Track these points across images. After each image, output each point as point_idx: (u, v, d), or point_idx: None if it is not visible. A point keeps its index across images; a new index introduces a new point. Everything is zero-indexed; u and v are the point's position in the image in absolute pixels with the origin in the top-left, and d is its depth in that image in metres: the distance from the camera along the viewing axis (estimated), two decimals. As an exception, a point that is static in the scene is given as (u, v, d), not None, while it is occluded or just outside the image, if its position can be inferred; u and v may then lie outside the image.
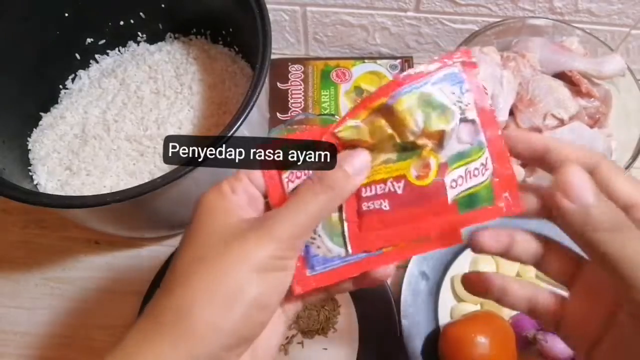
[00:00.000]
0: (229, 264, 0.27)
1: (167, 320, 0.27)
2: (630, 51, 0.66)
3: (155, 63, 0.62)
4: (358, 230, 0.29)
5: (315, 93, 0.68)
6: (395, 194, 0.28)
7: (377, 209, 0.28)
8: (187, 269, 0.28)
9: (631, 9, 0.60)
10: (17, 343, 0.56)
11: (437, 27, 0.66)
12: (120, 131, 0.58)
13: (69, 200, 0.46)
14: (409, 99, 0.27)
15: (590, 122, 0.58)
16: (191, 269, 0.28)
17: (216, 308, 0.26)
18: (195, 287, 0.27)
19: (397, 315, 0.53)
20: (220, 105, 0.58)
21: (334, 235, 0.29)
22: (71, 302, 0.58)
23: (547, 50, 0.60)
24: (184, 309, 0.26)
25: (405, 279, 0.55)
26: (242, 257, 0.27)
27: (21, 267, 0.60)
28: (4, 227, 0.62)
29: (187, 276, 0.27)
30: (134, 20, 0.63)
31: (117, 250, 0.60)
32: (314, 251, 0.29)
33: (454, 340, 0.50)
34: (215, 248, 0.28)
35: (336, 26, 0.67)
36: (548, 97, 0.57)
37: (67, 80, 0.63)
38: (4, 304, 0.58)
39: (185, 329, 0.26)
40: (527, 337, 0.50)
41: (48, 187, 0.56)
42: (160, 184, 0.42)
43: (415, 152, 0.28)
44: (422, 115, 0.27)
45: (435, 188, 0.28)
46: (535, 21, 0.62)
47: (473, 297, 0.54)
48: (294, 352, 0.54)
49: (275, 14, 0.66)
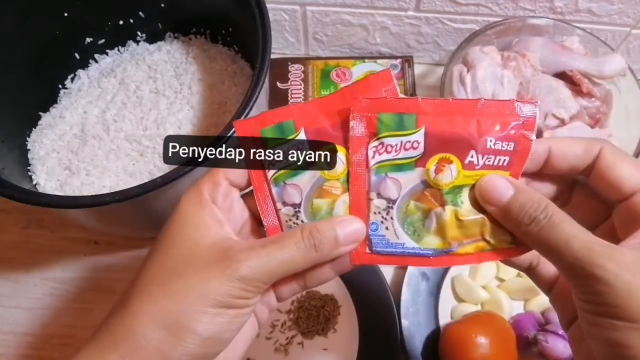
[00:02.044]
0: (186, 294, 0.26)
1: (119, 337, 0.26)
2: (631, 51, 0.66)
3: (155, 63, 0.62)
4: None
5: (315, 93, 0.68)
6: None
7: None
8: (146, 286, 0.27)
9: (632, 8, 0.60)
10: (17, 343, 0.56)
11: (438, 26, 0.66)
12: (120, 131, 0.57)
13: (68, 201, 0.45)
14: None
15: (591, 122, 0.58)
16: (150, 287, 0.27)
17: (166, 336, 0.26)
18: (147, 310, 0.26)
19: (397, 316, 0.53)
20: (220, 104, 0.58)
21: (409, 225, 0.29)
22: (71, 303, 0.58)
23: (548, 50, 0.60)
24: (135, 330, 0.26)
25: (405, 279, 0.55)
26: (200, 291, 0.26)
27: (20, 267, 0.60)
28: (4, 227, 0.62)
29: (144, 295, 0.27)
30: (133, 19, 0.63)
31: (117, 251, 0.60)
32: (381, 231, 0.29)
33: (454, 340, 0.50)
34: (178, 271, 0.27)
35: (336, 26, 0.67)
36: (549, 96, 0.57)
37: (66, 80, 0.63)
38: (3, 304, 0.58)
39: (133, 351, 0.26)
40: (528, 338, 0.50)
41: (47, 187, 0.56)
42: (160, 184, 0.42)
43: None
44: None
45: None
46: (535, 21, 0.61)
47: (473, 297, 0.55)
48: (294, 352, 0.53)
49: (275, 14, 0.66)
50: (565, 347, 0.49)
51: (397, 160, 0.29)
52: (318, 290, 0.56)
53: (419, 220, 0.29)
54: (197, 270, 0.27)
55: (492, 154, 0.28)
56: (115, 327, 0.27)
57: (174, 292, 0.26)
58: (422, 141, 0.28)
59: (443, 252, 0.29)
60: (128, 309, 0.27)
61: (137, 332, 0.26)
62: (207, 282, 0.26)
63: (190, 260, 0.27)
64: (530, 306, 0.55)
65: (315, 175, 0.30)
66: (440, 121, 0.28)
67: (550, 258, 0.26)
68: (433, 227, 0.29)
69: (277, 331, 0.54)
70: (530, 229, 0.26)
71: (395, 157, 0.29)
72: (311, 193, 0.30)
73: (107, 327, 0.27)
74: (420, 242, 0.29)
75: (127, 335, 0.26)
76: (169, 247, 0.28)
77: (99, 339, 0.27)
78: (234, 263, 0.26)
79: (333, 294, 0.55)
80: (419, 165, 0.29)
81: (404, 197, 0.29)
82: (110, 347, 0.26)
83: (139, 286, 0.28)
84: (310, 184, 0.30)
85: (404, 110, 0.28)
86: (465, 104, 0.28)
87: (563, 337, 0.49)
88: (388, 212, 0.29)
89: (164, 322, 0.26)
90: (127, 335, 0.26)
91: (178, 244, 0.28)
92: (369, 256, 0.29)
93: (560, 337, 0.49)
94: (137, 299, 0.27)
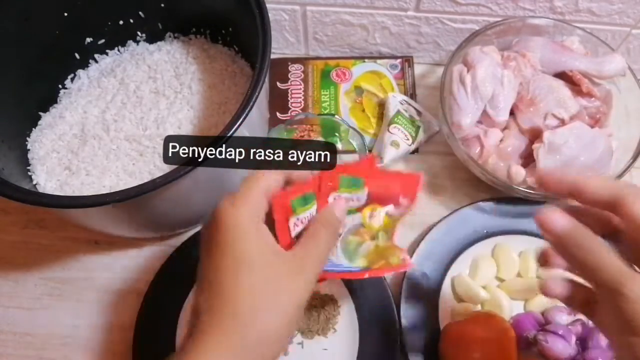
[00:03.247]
0: (284, 294, 0.32)
1: (228, 326, 0.31)
2: (631, 51, 0.66)
3: (155, 63, 0.62)
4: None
5: (315, 93, 0.68)
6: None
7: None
8: (240, 280, 0.31)
9: (632, 8, 0.60)
10: (17, 343, 0.56)
11: (438, 26, 0.66)
12: (120, 131, 0.57)
13: (68, 200, 0.45)
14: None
15: (591, 122, 0.58)
16: (246, 283, 0.31)
17: (278, 325, 0.31)
18: (258, 300, 0.31)
19: (397, 316, 0.53)
20: (220, 105, 0.58)
21: (347, 252, 0.40)
22: (70, 302, 0.58)
23: (548, 50, 0.60)
24: (249, 317, 0.31)
25: (405, 279, 0.55)
26: (293, 294, 0.32)
27: (20, 267, 0.60)
28: (3, 227, 0.62)
29: (248, 288, 0.31)
30: (133, 19, 0.63)
31: (117, 250, 0.60)
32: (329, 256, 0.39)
33: (454, 340, 0.50)
34: (263, 272, 0.32)
35: (336, 26, 0.67)
36: (549, 96, 0.57)
37: (66, 79, 0.63)
38: (3, 304, 0.58)
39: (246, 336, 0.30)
40: (528, 338, 0.50)
41: (47, 187, 0.56)
42: (160, 184, 0.42)
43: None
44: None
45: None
46: (535, 21, 0.61)
47: (473, 297, 0.55)
48: (294, 352, 0.53)
49: (275, 14, 0.66)
50: (565, 347, 0.49)
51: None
52: (318, 290, 0.56)
53: (354, 248, 0.40)
54: (283, 278, 0.32)
55: (402, 207, 0.42)
56: (221, 319, 0.31)
57: (272, 291, 0.32)
58: (365, 196, 0.41)
59: (365, 268, 0.40)
60: (231, 300, 0.31)
61: (250, 320, 0.31)
62: (296, 288, 0.33)
63: (268, 263, 0.32)
64: (530, 306, 0.55)
65: (355, 220, 0.41)
66: (378, 184, 0.41)
67: (587, 276, 0.33)
68: (362, 253, 0.40)
69: (277, 331, 0.54)
70: (576, 253, 0.33)
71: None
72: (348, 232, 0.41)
73: (208, 323, 0.31)
74: (352, 263, 0.40)
75: (238, 325, 0.30)
76: (239, 247, 0.32)
77: (205, 338, 0.31)
78: (303, 270, 0.33)
79: (333, 294, 0.55)
80: (359, 210, 0.41)
81: (347, 233, 0.40)
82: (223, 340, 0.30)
83: (227, 279, 0.32)
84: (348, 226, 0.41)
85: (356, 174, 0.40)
86: (394, 176, 0.44)
87: (563, 337, 0.49)
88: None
89: (276, 314, 0.32)
90: (238, 325, 0.30)
91: (248, 245, 0.32)
92: (323, 273, 0.37)
93: (560, 337, 0.49)
94: (234, 291, 0.31)
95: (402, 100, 0.65)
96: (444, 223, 0.58)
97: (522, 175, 0.55)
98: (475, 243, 0.58)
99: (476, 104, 0.57)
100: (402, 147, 0.60)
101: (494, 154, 0.57)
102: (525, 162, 0.57)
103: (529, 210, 0.59)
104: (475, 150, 0.57)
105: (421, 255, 0.56)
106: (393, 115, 0.62)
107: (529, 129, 0.57)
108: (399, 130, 0.61)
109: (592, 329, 0.51)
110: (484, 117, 0.58)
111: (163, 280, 0.56)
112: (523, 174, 0.55)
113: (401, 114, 0.62)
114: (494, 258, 0.57)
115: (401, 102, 0.64)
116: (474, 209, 0.59)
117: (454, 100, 0.57)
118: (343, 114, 0.66)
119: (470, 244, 0.58)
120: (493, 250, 0.58)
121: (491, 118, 0.58)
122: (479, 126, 0.58)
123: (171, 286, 0.56)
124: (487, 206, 0.59)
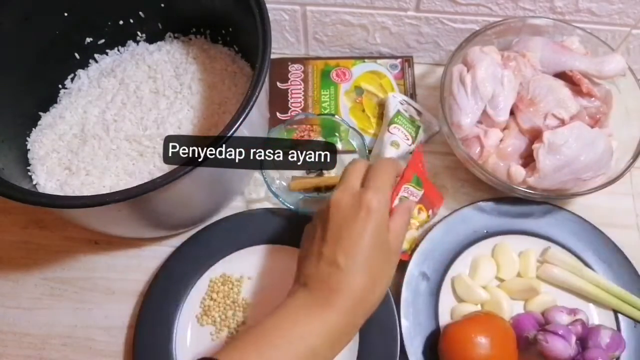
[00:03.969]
0: (388, 278, 0.43)
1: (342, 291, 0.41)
2: (631, 51, 0.66)
3: (155, 63, 0.62)
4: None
5: (315, 93, 0.68)
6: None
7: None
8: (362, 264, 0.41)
9: (632, 8, 0.60)
10: (17, 343, 0.56)
11: (438, 26, 0.66)
12: (120, 131, 0.57)
13: (68, 200, 0.45)
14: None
15: (591, 122, 0.58)
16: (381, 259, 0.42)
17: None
18: (376, 284, 0.42)
19: (397, 316, 0.53)
20: (220, 105, 0.58)
21: None
22: (70, 302, 0.58)
23: (548, 50, 0.60)
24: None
25: (405, 279, 0.55)
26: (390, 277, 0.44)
27: (20, 267, 0.60)
28: (3, 227, 0.62)
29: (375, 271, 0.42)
30: (133, 19, 0.63)
31: (117, 250, 0.60)
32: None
33: (454, 340, 0.50)
34: (383, 256, 0.43)
35: (336, 26, 0.67)
36: (549, 96, 0.57)
37: (66, 79, 0.63)
38: (3, 304, 0.58)
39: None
40: (528, 338, 0.50)
41: (47, 187, 0.56)
42: (160, 184, 0.42)
43: None
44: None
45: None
46: (535, 21, 0.61)
47: (473, 297, 0.55)
48: (294, 352, 0.53)
49: (275, 14, 0.66)
50: (565, 347, 0.49)
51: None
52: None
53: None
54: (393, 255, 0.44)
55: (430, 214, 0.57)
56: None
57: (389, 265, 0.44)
58: (420, 196, 0.54)
59: (404, 251, 0.55)
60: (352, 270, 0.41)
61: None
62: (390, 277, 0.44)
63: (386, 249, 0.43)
64: (530, 306, 0.55)
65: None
66: (426, 189, 0.55)
67: None
68: (407, 238, 0.55)
69: (277, 331, 0.54)
70: None
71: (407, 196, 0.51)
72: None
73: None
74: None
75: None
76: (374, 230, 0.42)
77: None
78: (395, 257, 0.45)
79: (333, 294, 0.55)
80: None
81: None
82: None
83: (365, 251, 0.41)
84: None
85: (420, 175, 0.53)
86: (432, 187, 0.58)
87: (563, 337, 0.49)
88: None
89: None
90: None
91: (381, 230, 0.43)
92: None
93: (560, 337, 0.49)
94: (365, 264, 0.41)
95: (402, 100, 0.65)
96: (444, 223, 0.58)
97: (522, 175, 0.55)
98: (475, 243, 0.58)
99: (476, 104, 0.57)
100: (402, 147, 0.60)
101: (494, 154, 0.57)
102: (525, 162, 0.57)
103: (529, 210, 0.59)
104: (475, 150, 0.57)
105: (421, 255, 0.56)
106: (393, 115, 0.62)
107: (529, 129, 0.57)
108: (399, 130, 0.61)
109: (592, 329, 0.51)
110: (484, 117, 0.58)
111: (162, 280, 0.56)
112: (523, 174, 0.55)
113: (401, 114, 0.62)
114: (494, 258, 0.57)
115: (401, 102, 0.64)
116: (474, 209, 0.59)
117: (454, 100, 0.57)
118: (343, 114, 0.66)
119: (470, 244, 0.58)
120: (493, 250, 0.58)
121: (491, 118, 0.58)
122: (479, 126, 0.58)
123: (170, 286, 0.56)
124: (487, 206, 0.59)
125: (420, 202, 0.54)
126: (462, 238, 0.58)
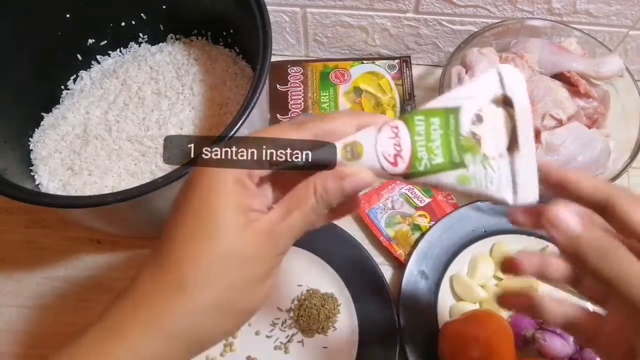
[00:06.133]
0: (244, 281, 0.30)
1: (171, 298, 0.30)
2: (629, 52, 0.66)
3: (157, 64, 0.63)
4: None
5: (315, 94, 0.68)
6: None
7: None
8: (202, 276, 0.30)
9: (629, 9, 0.60)
10: (18, 342, 0.56)
11: (436, 28, 0.66)
12: (122, 131, 0.58)
13: (70, 200, 0.46)
14: None
15: (589, 123, 0.59)
16: (206, 278, 0.30)
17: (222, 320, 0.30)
18: (203, 301, 0.29)
19: (397, 315, 0.53)
20: (221, 105, 0.59)
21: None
22: (73, 302, 0.58)
23: (546, 51, 0.60)
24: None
25: (404, 278, 0.55)
26: (252, 273, 0.30)
27: (23, 267, 0.60)
28: (6, 226, 0.62)
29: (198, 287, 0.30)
30: (135, 21, 0.64)
31: (119, 250, 0.61)
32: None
33: (453, 339, 0.50)
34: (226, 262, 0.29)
35: (336, 27, 0.68)
36: (546, 97, 0.57)
37: (68, 80, 0.63)
38: (6, 303, 0.58)
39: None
40: (526, 336, 0.51)
41: (50, 187, 0.56)
42: (162, 184, 0.42)
43: None
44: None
45: None
46: (533, 22, 0.62)
47: (472, 296, 0.55)
48: (294, 350, 0.54)
49: (276, 15, 0.67)
50: (563, 346, 0.49)
51: None
52: (318, 289, 0.56)
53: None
54: (245, 258, 0.29)
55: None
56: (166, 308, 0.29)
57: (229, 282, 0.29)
58: None
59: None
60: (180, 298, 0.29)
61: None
62: (255, 263, 0.29)
63: (237, 250, 0.29)
64: (529, 305, 0.55)
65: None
66: None
67: (610, 289, 0.29)
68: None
69: (278, 329, 0.55)
70: (597, 262, 0.29)
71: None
72: None
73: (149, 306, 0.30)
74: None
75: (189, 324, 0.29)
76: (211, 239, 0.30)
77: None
78: (278, 244, 0.30)
79: (333, 293, 0.56)
80: None
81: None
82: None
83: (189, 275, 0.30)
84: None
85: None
86: None
87: (561, 335, 0.49)
88: None
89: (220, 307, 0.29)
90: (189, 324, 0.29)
91: (221, 231, 0.30)
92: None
93: (558, 335, 0.49)
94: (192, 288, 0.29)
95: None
96: (442, 222, 0.58)
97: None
98: (474, 242, 0.58)
99: (475, 104, 0.57)
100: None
101: (492, 154, 0.57)
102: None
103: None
104: (474, 151, 0.58)
105: (420, 255, 0.57)
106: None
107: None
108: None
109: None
110: (482, 118, 0.58)
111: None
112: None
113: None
114: (493, 257, 0.58)
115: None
116: (473, 208, 0.59)
117: (452, 101, 0.58)
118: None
119: (468, 243, 0.58)
120: (491, 249, 0.58)
121: (490, 119, 0.58)
122: (477, 127, 0.59)
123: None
124: (486, 206, 0.59)
125: (425, 209, 0.57)
126: (460, 237, 0.58)
